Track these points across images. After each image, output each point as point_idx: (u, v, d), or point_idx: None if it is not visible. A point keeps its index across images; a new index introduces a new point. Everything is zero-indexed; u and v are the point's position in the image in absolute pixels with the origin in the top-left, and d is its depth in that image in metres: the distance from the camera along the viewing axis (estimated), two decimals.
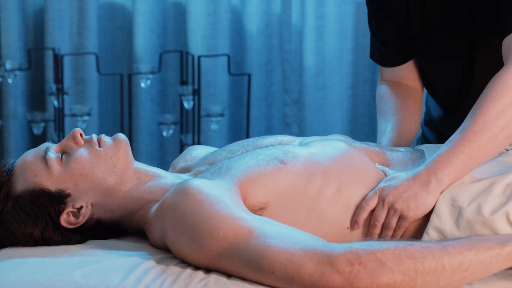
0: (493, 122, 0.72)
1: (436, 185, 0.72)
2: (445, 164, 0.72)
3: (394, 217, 0.73)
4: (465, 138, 0.72)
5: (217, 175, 0.75)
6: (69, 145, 0.78)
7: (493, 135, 0.72)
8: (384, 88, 0.98)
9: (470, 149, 0.72)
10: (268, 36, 1.77)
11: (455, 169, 0.72)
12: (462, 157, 0.72)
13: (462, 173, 0.73)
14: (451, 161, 0.72)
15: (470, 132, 0.73)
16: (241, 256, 0.65)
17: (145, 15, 1.73)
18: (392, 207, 0.73)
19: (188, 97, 1.65)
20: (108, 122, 1.80)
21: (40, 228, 0.75)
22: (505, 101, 0.73)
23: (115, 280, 0.65)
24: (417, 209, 0.72)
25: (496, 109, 0.73)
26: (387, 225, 0.73)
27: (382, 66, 0.99)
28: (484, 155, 0.73)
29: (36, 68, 1.74)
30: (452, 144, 0.73)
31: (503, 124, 0.73)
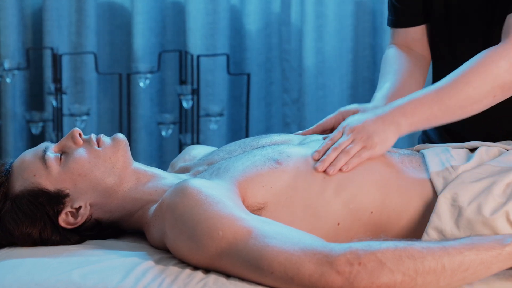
0: (469, 93, 0.74)
1: (396, 128, 0.75)
2: (411, 113, 0.74)
3: (357, 146, 0.74)
4: (439, 97, 0.75)
5: (215, 175, 0.75)
6: (68, 145, 0.78)
7: (463, 104, 0.75)
8: (392, 50, 0.97)
9: (438, 109, 0.75)
10: (267, 35, 1.77)
11: (419, 121, 0.75)
12: (429, 114, 0.75)
13: (422, 126, 0.76)
14: (417, 113, 0.74)
15: (445, 93, 0.74)
16: (240, 256, 0.65)
17: (144, 14, 1.73)
18: (356, 136, 0.74)
19: (187, 97, 1.65)
20: (107, 121, 1.79)
21: (39, 228, 0.75)
22: (487, 77, 0.75)
23: (114, 280, 0.65)
24: (380, 143, 0.74)
25: (477, 82, 0.75)
26: (348, 151, 0.74)
27: (397, 28, 0.97)
28: (447, 118, 0.76)
29: (35, 68, 1.74)
30: (424, 96, 0.75)
31: (477, 97, 0.75)
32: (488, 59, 0.76)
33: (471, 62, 0.76)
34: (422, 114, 0.75)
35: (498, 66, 0.75)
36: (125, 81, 1.71)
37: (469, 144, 0.83)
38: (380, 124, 0.75)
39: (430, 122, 0.76)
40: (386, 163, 0.78)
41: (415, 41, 0.97)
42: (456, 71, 0.77)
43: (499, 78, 0.75)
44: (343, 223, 0.73)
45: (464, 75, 0.75)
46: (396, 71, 0.93)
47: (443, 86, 0.76)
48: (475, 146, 0.82)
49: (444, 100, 0.74)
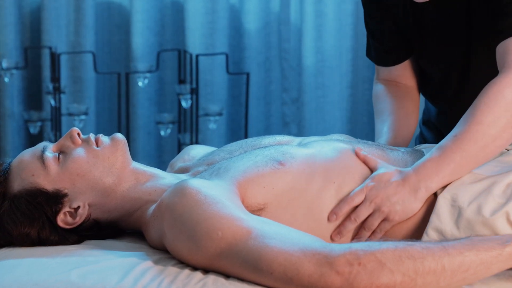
0: (486, 132, 0.72)
1: (424, 192, 0.73)
2: (435, 172, 0.72)
3: (378, 219, 0.73)
4: (457, 146, 0.72)
5: (215, 175, 0.74)
6: (66, 144, 0.78)
7: (485, 144, 0.72)
8: (380, 87, 0.98)
9: (461, 158, 0.72)
10: (266, 34, 1.77)
11: (445, 177, 0.73)
12: (453, 166, 0.72)
13: (451, 180, 0.74)
14: (441, 169, 0.72)
15: (462, 140, 0.72)
16: (239, 257, 0.65)
17: (142, 13, 1.72)
18: (379, 209, 0.72)
19: (186, 96, 1.65)
20: (105, 121, 1.79)
21: (37, 228, 0.75)
22: (498, 110, 0.73)
23: (112, 281, 0.65)
24: (402, 213, 0.73)
25: (490, 118, 0.73)
26: (369, 226, 0.73)
27: (378, 65, 0.99)
28: (475, 164, 0.74)
29: (33, 67, 1.73)
30: (443, 150, 0.73)
31: (495, 133, 0.72)
32: (493, 92, 0.73)
33: (478, 100, 0.74)
34: (447, 169, 0.72)
35: (504, 97, 0.72)
36: (124, 81, 1.71)
37: None
38: (406, 193, 0.72)
39: (457, 173, 0.73)
40: (387, 162, 0.78)
41: (399, 76, 0.97)
42: (465, 114, 0.74)
43: (510, 107, 0.73)
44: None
45: (475, 116, 0.73)
46: (390, 110, 0.93)
47: (458, 134, 0.73)
48: None
49: (465, 148, 0.72)
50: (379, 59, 0.98)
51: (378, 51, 0.97)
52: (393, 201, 0.72)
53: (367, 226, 0.73)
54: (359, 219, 0.73)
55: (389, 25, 0.92)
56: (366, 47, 1.00)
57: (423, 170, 0.73)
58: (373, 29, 0.96)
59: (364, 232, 0.73)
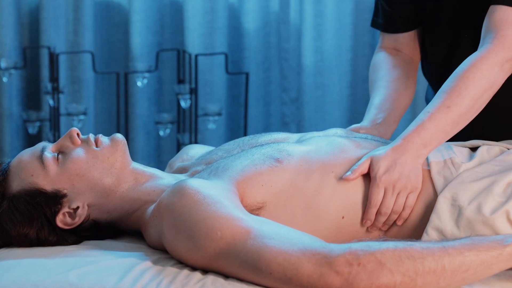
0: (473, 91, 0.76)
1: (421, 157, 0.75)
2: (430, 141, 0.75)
3: (404, 197, 0.74)
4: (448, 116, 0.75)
5: (213, 175, 0.74)
6: (65, 144, 0.77)
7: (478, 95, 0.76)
8: (380, 56, 0.97)
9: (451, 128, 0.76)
10: (266, 34, 1.76)
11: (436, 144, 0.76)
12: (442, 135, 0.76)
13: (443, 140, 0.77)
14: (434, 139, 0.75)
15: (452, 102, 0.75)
16: (238, 257, 0.64)
17: (141, 13, 1.72)
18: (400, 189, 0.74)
19: (185, 96, 1.64)
20: (104, 121, 1.78)
21: (36, 228, 0.75)
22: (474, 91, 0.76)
23: (111, 281, 0.64)
24: (417, 178, 0.74)
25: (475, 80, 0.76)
26: (398, 207, 0.74)
27: (386, 32, 0.97)
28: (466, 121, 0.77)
29: (31, 67, 1.73)
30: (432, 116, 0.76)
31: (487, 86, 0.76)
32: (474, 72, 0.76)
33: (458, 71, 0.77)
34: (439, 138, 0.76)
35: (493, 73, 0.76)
36: (123, 80, 1.70)
37: (471, 143, 0.83)
38: (411, 161, 0.75)
39: (445, 138, 0.77)
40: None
41: (404, 44, 0.97)
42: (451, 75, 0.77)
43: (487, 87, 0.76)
44: (348, 216, 0.73)
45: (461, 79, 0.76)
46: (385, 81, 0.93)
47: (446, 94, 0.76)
48: (476, 145, 0.82)
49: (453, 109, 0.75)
50: (388, 25, 0.96)
51: (388, 17, 0.95)
52: (406, 174, 0.74)
53: (396, 209, 0.74)
54: (389, 209, 0.74)
55: None
56: (373, 15, 0.98)
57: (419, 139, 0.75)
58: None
59: (393, 215, 0.74)
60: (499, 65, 0.76)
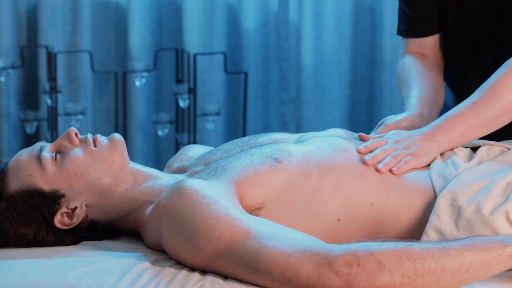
0: (504, 104, 0.78)
1: (437, 146, 0.78)
2: (449, 131, 0.78)
3: (403, 153, 0.77)
4: (474, 112, 0.78)
5: (212, 175, 0.74)
6: (63, 144, 0.77)
7: (499, 115, 0.78)
8: (407, 59, 0.98)
9: (475, 123, 0.78)
10: (265, 33, 1.76)
11: (457, 137, 0.78)
12: (466, 128, 0.78)
13: (460, 142, 0.79)
14: (455, 129, 0.78)
15: (480, 108, 0.78)
16: (237, 257, 0.64)
17: (139, 12, 1.72)
18: (402, 146, 0.77)
19: (183, 96, 1.64)
20: (102, 121, 1.78)
21: (34, 228, 0.74)
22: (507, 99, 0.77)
23: (109, 282, 0.64)
24: (425, 154, 0.76)
25: (508, 93, 0.77)
26: (396, 156, 0.76)
27: (411, 38, 0.98)
28: (485, 130, 0.79)
29: (29, 66, 1.72)
30: (459, 113, 0.78)
31: (510, 107, 0.78)
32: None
33: (500, 72, 0.79)
34: (460, 130, 0.78)
35: None
36: (121, 80, 1.70)
37: (472, 142, 0.83)
38: (423, 141, 0.78)
39: (468, 136, 0.79)
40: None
41: (428, 49, 0.98)
42: (486, 83, 0.79)
43: None
44: (344, 219, 0.73)
45: (495, 87, 0.78)
46: (422, 77, 0.94)
47: (476, 101, 0.78)
48: (477, 145, 0.82)
49: (480, 115, 0.78)
50: (411, 29, 0.97)
51: (412, 22, 0.96)
52: (414, 144, 0.77)
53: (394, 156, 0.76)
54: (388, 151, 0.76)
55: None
56: (398, 23, 0.99)
57: (438, 127, 0.78)
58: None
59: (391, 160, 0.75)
60: None
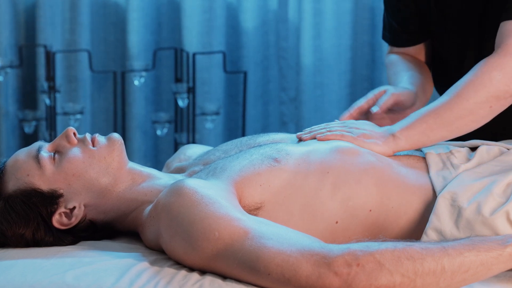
0: (463, 104, 0.77)
1: (392, 140, 0.78)
2: (408, 128, 0.78)
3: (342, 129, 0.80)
4: (434, 111, 0.78)
5: (211, 175, 0.74)
6: (62, 144, 0.77)
7: (460, 115, 0.78)
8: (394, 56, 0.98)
9: (434, 122, 0.77)
10: (264, 33, 1.75)
11: (415, 134, 0.78)
12: (425, 126, 0.77)
13: (420, 140, 0.78)
14: (413, 127, 0.78)
15: (441, 107, 0.78)
16: (236, 257, 0.64)
17: (138, 11, 1.71)
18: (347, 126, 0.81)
19: (182, 95, 1.64)
20: (101, 120, 1.77)
21: (32, 228, 0.74)
22: (481, 88, 0.76)
23: (108, 282, 0.64)
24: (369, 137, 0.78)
25: (470, 94, 0.77)
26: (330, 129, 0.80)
27: (394, 46, 0.99)
28: (446, 131, 0.79)
29: (28, 66, 1.72)
30: (421, 112, 0.79)
31: (472, 108, 0.77)
32: (481, 70, 0.77)
33: (467, 75, 0.79)
34: (418, 127, 0.78)
35: (490, 77, 0.77)
36: (120, 79, 1.69)
37: (470, 142, 0.82)
38: (378, 130, 0.80)
39: (427, 135, 0.78)
40: (385, 161, 0.77)
41: (415, 54, 0.99)
42: (452, 86, 0.79)
43: (493, 88, 0.76)
44: (341, 222, 0.72)
45: (459, 89, 0.78)
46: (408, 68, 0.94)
47: (439, 101, 0.78)
48: (476, 145, 0.82)
49: (440, 113, 0.77)
50: (396, 40, 0.98)
51: (396, 32, 0.97)
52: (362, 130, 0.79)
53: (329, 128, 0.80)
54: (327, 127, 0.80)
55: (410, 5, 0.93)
56: (382, 29, 1.00)
57: (398, 124, 0.79)
58: (392, 8, 0.96)
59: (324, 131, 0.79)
60: (498, 70, 0.77)
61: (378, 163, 0.76)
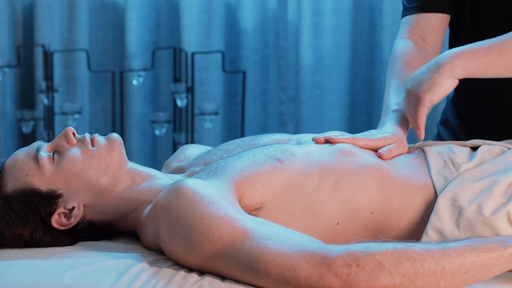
0: None
1: (449, 67, 0.75)
2: (466, 57, 0.75)
3: (413, 104, 0.76)
4: (497, 46, 0.75)
5: (212, 175, 0.74)
6: (61, 144, 0.77)
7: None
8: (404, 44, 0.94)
9: (496, 56, 0.75)
10: (263, 32, 1.75)
11: (473, 65, 0.75)
12: (485, 59, 0.75)
13: (477, 72, 0.76)
14: (473, 56, 0.75)
15: (505, 43, 0.75)
16: (236, 258, 0.64)
17: (137, 10, 1.71)
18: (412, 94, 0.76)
19: (181, 95, 1.63)
20: (99, 120, 1.77)
21: (31, 229, 0.74)
22: None
23: (107, 283, 0.64)
24: (428, 89, 0.75)
25: None
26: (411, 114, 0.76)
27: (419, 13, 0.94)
28: (506, 68, 0.76)
29: (25, 65, 1.71)
30: (482, 44, 0.76)
31: None
32: None
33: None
34: (479, 60, 0.76)
35: None
36: (118, 79, 1.69)
37: (471, 142, 0.82)
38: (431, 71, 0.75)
39: (486, 69, 0.76)
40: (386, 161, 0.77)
41: (432, 31, 0.94)
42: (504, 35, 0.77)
43: None
44: (342, 223, 0.72)
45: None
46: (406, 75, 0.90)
47: (502, 38, 0.76)
48: (477, 145, 0.82)
49: (503, 49, 0.75)
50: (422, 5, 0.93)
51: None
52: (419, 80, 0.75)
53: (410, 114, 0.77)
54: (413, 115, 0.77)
55: None
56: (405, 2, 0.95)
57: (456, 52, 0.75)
58: None
59: None
60: None
61: (380, 164, 0.76)
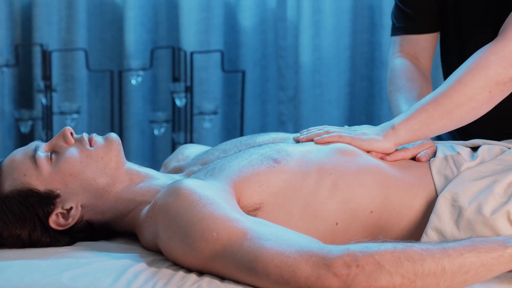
0: (462, 90, 0.76)
1: (392, 133, 0.77)
2: (407, 119, 0.77)
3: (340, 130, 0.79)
4: (433, 100, 0.77)
5: (210, 175, 0.73)
6: (59, 144, 0.77)
7: (459, 102, 0.76)
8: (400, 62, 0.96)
9: (434, 110, 0.76)
10: (262, 31, 1.75)
11: (415, 124, 0.77)
12: (425, 115, 0.76)
13: (421, 131, 0.77)
14: (413, 117, 0.77)
15: (440, 95, 0.76)
16: (234, 258, 0.63)
17: (136, 9, 1.70)
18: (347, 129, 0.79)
19: (180, 95, 1.63)
20: (98, 120, 1.77)
21: (28, 229, 0.74)
22: (479, 73, 0.76)
23: (105, 283, 0.63)
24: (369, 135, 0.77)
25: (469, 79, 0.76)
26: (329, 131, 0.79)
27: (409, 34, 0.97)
28: (448, 120, 0.77)
29: (24, 65, 1.71)
30: (421, 103, 0.78)
31: (471, 94, 0.76)
32: (478, 56, 0.77)
33: (465, 63, 0.78)
34: (418, 117, 0.77)
35: (488, 61, 0.76)
36: (117, 79, 1.69)
37: (472, 142, 0.82)
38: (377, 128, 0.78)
39: (428, 125, 0.77)
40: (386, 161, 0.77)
41: (424, 51, 0.97)
42: (451, 74, 0.78)
43: (491, 72, 0.76)
44: (342, 223, 0.72)
45: (458, 76, 0.77)
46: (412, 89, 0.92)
47: (438, 90, 0.78)
48: (477, 145, 0.82)
49: (439, 101, 0.76)
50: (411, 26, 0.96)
51: (411, 18, 0.96)
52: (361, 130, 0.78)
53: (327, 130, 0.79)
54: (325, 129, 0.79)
55: None
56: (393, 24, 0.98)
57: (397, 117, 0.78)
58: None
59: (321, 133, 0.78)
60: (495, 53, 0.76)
61: (380, 163, 0.76)
